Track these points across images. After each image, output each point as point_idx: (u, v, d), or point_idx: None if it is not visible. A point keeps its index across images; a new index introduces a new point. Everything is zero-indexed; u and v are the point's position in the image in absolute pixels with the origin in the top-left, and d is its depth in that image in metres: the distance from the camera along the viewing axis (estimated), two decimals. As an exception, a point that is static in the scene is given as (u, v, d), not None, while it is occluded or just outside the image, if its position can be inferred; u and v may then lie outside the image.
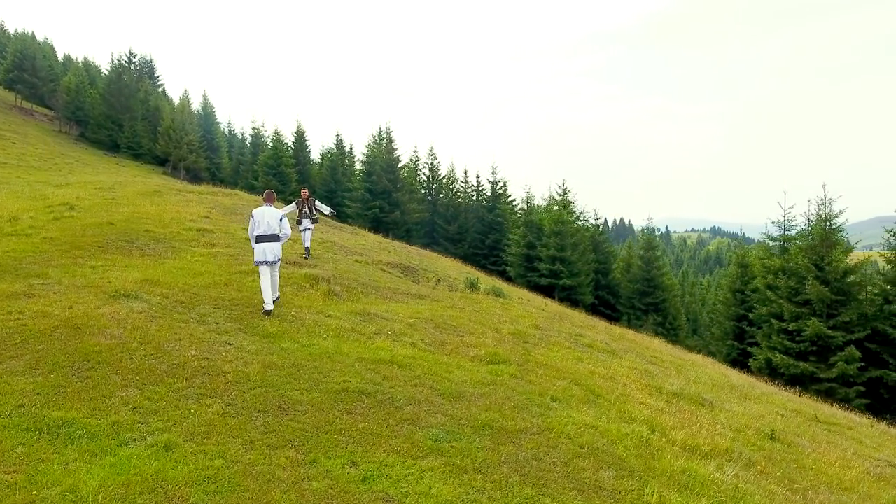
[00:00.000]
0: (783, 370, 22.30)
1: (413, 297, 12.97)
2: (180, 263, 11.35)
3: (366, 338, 8.41)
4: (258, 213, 9.14)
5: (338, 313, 9.61)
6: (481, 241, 40.20)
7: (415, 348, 8.31)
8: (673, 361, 13.73)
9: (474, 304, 13.94)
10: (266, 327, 8.02)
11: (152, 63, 65.08)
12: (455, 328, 10.37)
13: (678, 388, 9.69)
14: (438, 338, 9.30)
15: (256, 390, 5.72)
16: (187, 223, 15.82)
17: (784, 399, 12.39)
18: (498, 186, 41.33)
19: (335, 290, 11.59)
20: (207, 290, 9.52)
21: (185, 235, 14.35)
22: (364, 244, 20.93)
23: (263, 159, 41.79)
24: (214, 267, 11.47)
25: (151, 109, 52.25)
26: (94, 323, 6.75)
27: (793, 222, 24.35)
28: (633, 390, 8.81)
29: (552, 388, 7.67)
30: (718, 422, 8.19)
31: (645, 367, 11.41)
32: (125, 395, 5.19)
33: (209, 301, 8.86)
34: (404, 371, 7.10)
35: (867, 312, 21.81)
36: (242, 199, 24.99)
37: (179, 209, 18.01)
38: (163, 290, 8.87)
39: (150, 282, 9.15)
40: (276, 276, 9.34)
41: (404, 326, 9.48)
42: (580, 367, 9.47)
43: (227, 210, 20.23)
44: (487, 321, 11.94)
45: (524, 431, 5.85)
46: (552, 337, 11.98)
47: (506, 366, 8.29)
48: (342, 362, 7.00)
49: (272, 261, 8.97)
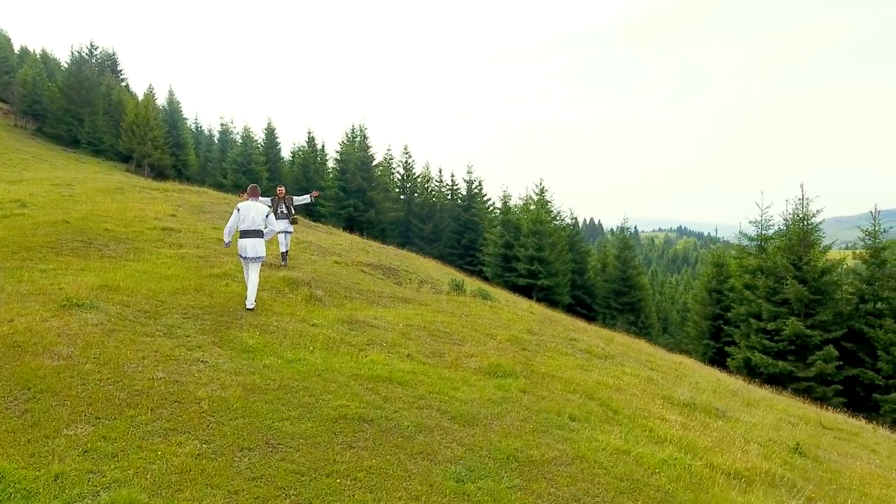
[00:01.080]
0: (762, 369, 22.06)
1: (399, 301, 12.01)
2: (144, 266, 10.15)
3: (357, 350, 7.43)
4: (244, 207, 8.81)
5: (323, 321, 8.59)
6: (457, 241, 39.35)
7: (412, 361, 7.37)
8: (668, 365, 13.10)
9: (462, 307, 13.06)
10: (244, 339, 6.97)
11: (115, 56, 62.27)
12: (449, 335, 9.46)
13: (688, 397, 8.98)
14: (435, 347, 8.37)
15: (238, 421, 4.70)
16: (152, 222, 14.52)
17: (784, 404, 11.86)
18: (473, 186, 40.54)
19: (317, 294, 10.54)
20: (175, 296, 8.39)
21: (149, 235, 13.08)
22: (341, 244, 19.83)
23: (233, 156, 40.09)
24: (182, 270, 10.30)
25: (114, 104, 49.78)
26: (39, 340, 5.61)
27: (770, 222, 24.18)
28: (647, 402, 8.06)
29: (567, 404, 6.83)
30: (738, 435, 7.49)
31: (647, 373, 10.70)
32: (74, 434, 4.12)
33: (177, 309, 7.74)
34: (406, 390, 6.15)
35: (843, 311, 21.73)
36: (211, 196, 23.56)
37: (143, 207, 16.64)
38: (123, 297, 7.71)
39: (109, 288, 7.97)
40: (255, 278, 8.72)
41: (397, 335, 8.52)
42: (587, 378, 8.67)
43: (195, 208, 18.88)
44: (480, 326, 11.07)
45: (554, 462, 4.99)
46: (548, 342, 11.18)
47: (513, 379, 7.42)
48: (335, 381, 6.01)
49: (252, 257, 8.68)
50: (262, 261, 8.86)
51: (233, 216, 8.79)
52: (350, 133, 42.28)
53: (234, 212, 8.80)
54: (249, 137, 42.09)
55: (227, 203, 22.05)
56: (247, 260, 8.68)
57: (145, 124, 42.47)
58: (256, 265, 8.74)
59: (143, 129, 42.30)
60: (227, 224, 8.92)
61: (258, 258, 8.72)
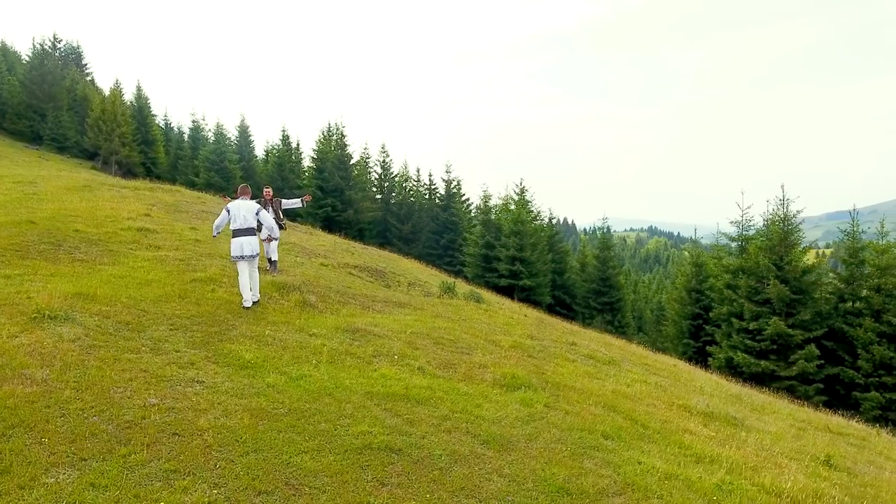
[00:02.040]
0: (744, 368, 22.02)
1: (394, 306, 11.33)
2: (121, 270, 9.25)
3: (364, 363, 6.74)
4: (234, 206, 8.59)
5: (322, 330, 7.87)
6: (436, 241, 38.68)
7: (425, 375, 6.72)
8: (667, 369, 12.71)
9: (457, 311, 12.45)
10: (241, 353, 6.21)
11: (79, 50, 59.54)
12: (454, 343, 8.83)
13: (703, 405, 8.54)
14: (444, 358, 7.73)
15: (250, 457, 3.99)
16: (125, 222, 13.51)
17: (787, 409, 11.57)
18: (452, 185, 39.90)
19: (310, 299, 9.80)
20: (159, 304, 7.56)
21: (123, 236, 12.11)
22: (324, 245, 19.00)
23: (205, 154, 38.60)
24: (163, 274, 9.43)
25: (79, 99, 47.54)
26: (8, 361, 4.79)
27: (751, 222, 24.19)
28: (668, 413, 7.58)
29: (595, 420, 6.28)
30: (766, 447, 7.06)
31: (653, 379, 10.27)
32: (56, 483, 3.37)
33: (163, 320, 6.93)
34: (428, 409, 5.51)
35: (822, 311, 21.82)
36: (185, 195, 22.41)
37: (115, 206, 15.56)
38: (101, 306, 6.87)
39: (85, 296, 7.10)
40: (255, 274, 8.72)
41: (402, 345, 7.86)
42: (602, 387, 8.15)
43: (169, 207, 17.82)
44: (481, 332, 10.48)
45: (607, 493, 4.41)
46: (551, 348, 10.65)
47: (532, 392, 6.84)
48: (349, 401, 5.33)
49: (249, 255, 8.45)
50: (257, 258, 8.68)
51: (221, 215, 8.60)
52: (326, 131, 41.22)
53: (223, 211, 8.61)
54: (222, 135, 40.60)
55: (202, 202, 21.00)
56: (242, 258, 8.42)
57: (112, 120, 40.58)
58: (253, 263, 8.60)
59: (111, 126, 40.42)
60: (216, 222, 8.67)
61: (253, 256, 8.51)
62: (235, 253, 8.44)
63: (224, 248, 13.28)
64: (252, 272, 8.62)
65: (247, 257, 8.43)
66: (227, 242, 14.17)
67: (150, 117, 47.69)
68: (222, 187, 37.05)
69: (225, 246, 13.59)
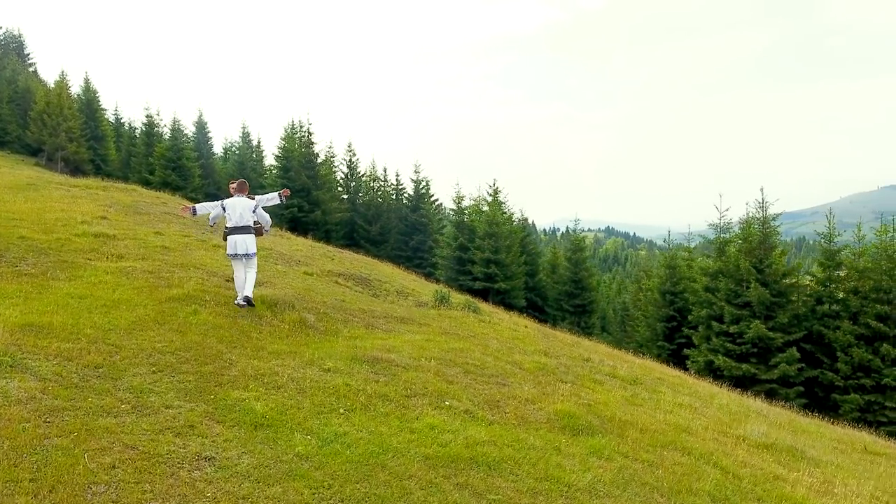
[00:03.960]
0: (725, 372, 21.60)
1: (397, 322, 9.93)
2: (80, 288, 7.51)
3: (401, 407, 5.36)
4: (230, 204, 8.21)
5: (336, 362, 6.41)
6: (405, 243, 37.18)
7: (477, 421, 5.39)
8: (680, 383, 11.75)
9: (461, 325, 11.16)
10: (249, 404, 4.73)
11: (21, 38, 54.88)
12: (481, 370, 7.53)
13: (759, 435, 7.55)
14: (483, 392, 6.42)
15: None
16: (79, 226, 11.59)
17: (816, 427, 10.77)
18: (421, 186, 38.47)
19: (307, 319, 8.29)
20: (133, 335, 5.95)
21: (78, 243, 10.25)
22: (300, 250, 17.32)
23: (161, 151, 35.77)
24: (132, 292, 7.75)
25: (20, 91, 43.57)
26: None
27: (729, 224, 23.84)
28: (737, 450, 6.53)
29: (683, 473, 5.12)
30: (852, 490, 6.08)
31: (686, 400, 9.26)
32: None
33: (142, 358, 5.34)
34: (508, 480, 4.19)
35: (799, 313, 21.61)
36: (142, 195, 20.24)
37: (66, 207, 13.53)
38: (61, 343, 5.22)
39: (37, 329, 5.43)
40: (251, 276, 8.14)
41: (432, 377, 6.49)
42: (653, 420, 7.01)
43: (128, 209, 15.79)
44: (498, 352, 9.22)
45: None
46: (573, 367, 9.49)
47: (600, 437, 5.62)
48: (409, 474, 3.96)
49: (244, 254, 8.03)
50: (254, 257, 8.21)
51: (215, 210, 8.27)
52: (290, 128, 39.07)
53: (217, 206, 8.24)
54: (179, 131, 37.83)
55: (163, 203, 18.96)
56: (237, 257, 8.07)
57: (58, 114, 37.22)
58: (251, 261, 8.15)
59: (56, 120, 37.06)
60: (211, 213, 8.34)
61: (249, 255, 8.08)
62: (230, 251, 8.08)
63: (197, 256, 11.56)
64: (248, 272, 8.13)
65: (241, 256, 8.04)
66: (200, 250, 12.49)
67: (100, 111, 44.26)
68: (179, 186, 34.45)
69: (198, 253, 11.86)
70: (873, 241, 20.37)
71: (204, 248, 12.51)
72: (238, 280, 8.21)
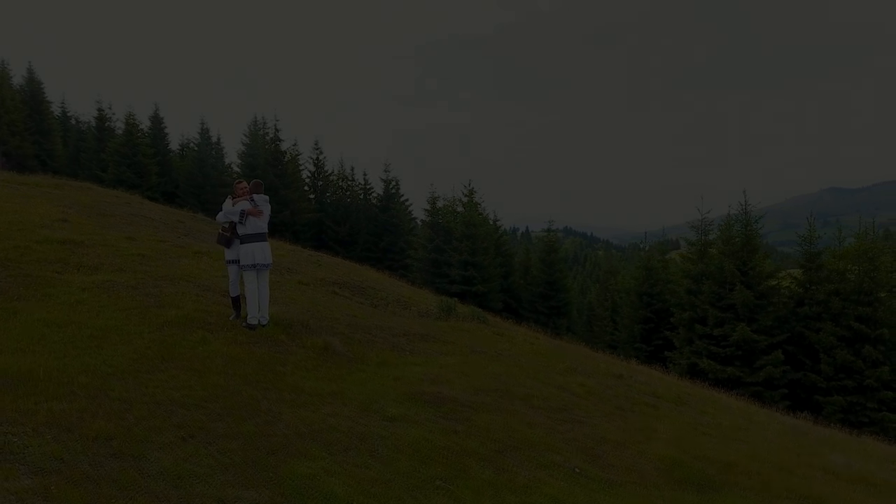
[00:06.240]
0: (710, 375, 21.29)
1: (420, 341, 8.70)
2: (55, 312, 5.94)
3: (502, 471, 4.17)
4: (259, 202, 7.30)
5: (393, 406, 5.14)
6: (374, 244, 35.60)
7: (595, 483, 4.27)
8: (707, 399, 10.98)
9: (481, 341, 10.04)
10: (324, 483, 3.44)
11: (-49, 25, 50.18)
12: (546, 402, 6.49)
13: (845, 466, 6.75)
14: (571, 437, 5.29)
15: None
16: (39, 231, 9.80)
17: (857, 445, 10.15)
18: (391, 186, 36.98)
19: (332, 344, 6.95)
20: (139, 380, 4.51)
21: (41, 252, 8.53)
22: (284, 255, 15.73)
23: (115, 147, 32.92)
24: (121, 316, 6.23)
25: (-48, 80, 39.58)
26: None
27: (711, 226, 23.61)
28: (838, 490, 5.66)
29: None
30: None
31: (738, 422, 8.44)
32: None
33: (162, 418, 3.94)
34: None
35: (781, 315, 21.53)
36: (100, 194, 18.11)
37: (19, 209, 11.57)
38: (50, 401, 3.75)
39: (13, 379, 3.93)
40: (265, 290, 7.25)
41: (509, 419, 5.33)
42: (746, 458, 6.07)
43: (89, 210, 13.84)
44: (539, 375, 8.18)
45: None
46: (614, 389, 8.52)
47: (723, 495, 4.61)
48: None
49: (262, 264, 7.14)
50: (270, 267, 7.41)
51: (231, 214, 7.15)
52: (253, 125, 36.84)
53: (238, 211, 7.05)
54: (134, 126, 34.99)
55: (127, 204, 17.00)
56: (256, 267, 7.10)
57: (-2, 105, 33.82)
58: (265, 273, 7.26)
59: (-5, 111, 33.64)
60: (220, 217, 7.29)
61: (266, 265, 7.22)
62: (246, 261, 7.06)
63: (182, 265, 9.95)
64: (262, 286, 7.18)
65: (259, 266, 7.12)
66: (182, 258, 10.85)
67: (45, 104, 40.68)
68: (135, 184, 31.80)
69: (181, 263, 10.24)
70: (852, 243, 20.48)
71: (185, 256, 10.88)
72: (251, 295, 7.05)
